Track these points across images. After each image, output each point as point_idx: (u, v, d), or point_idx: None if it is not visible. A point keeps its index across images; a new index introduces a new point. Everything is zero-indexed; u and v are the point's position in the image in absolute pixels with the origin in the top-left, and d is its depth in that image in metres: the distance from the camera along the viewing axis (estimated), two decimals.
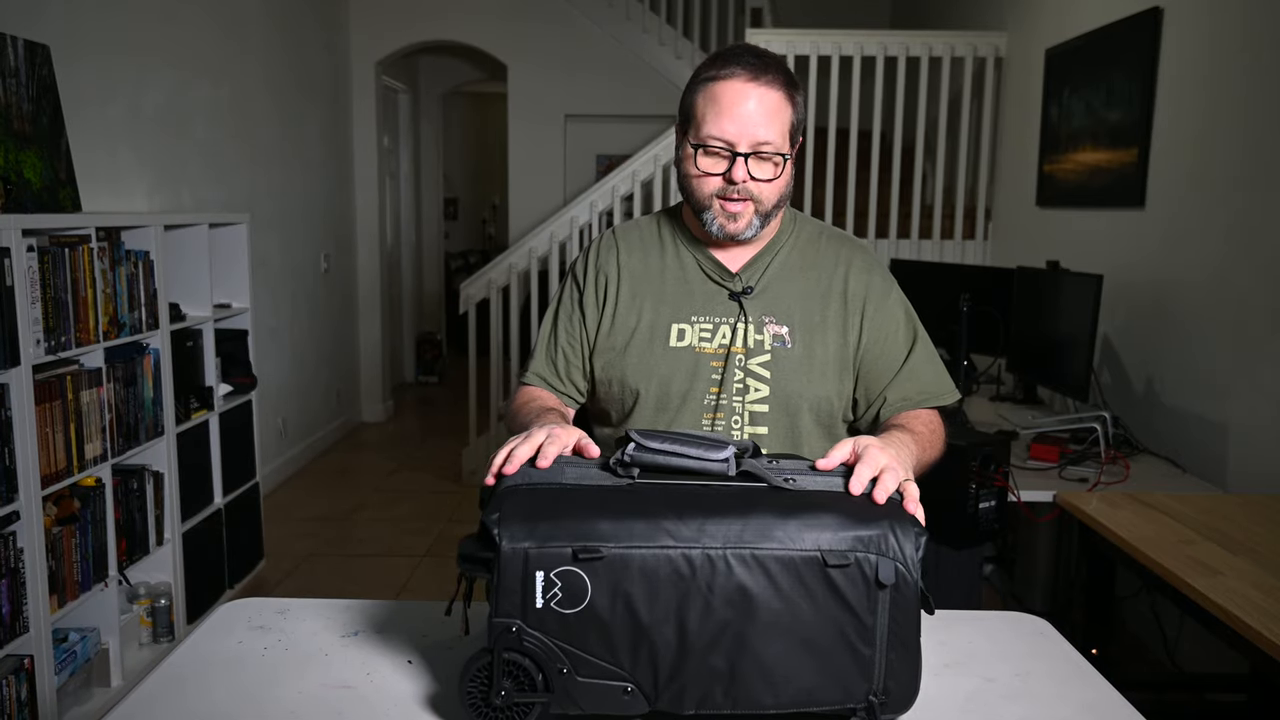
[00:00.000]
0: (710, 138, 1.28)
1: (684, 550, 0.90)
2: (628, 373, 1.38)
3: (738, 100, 1.27)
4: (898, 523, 0.92)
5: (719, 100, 1.27)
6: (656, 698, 0.92)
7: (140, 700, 1.03)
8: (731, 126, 1.26)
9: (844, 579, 0.90)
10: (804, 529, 0.91)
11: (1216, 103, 2.66)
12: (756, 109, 1.27)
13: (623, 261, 1.42)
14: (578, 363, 1.44)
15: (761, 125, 1.27)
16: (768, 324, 1.36)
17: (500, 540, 0.89)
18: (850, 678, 0.92)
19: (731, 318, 1.36)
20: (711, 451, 0.95)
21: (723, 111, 1.27)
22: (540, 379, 1.45)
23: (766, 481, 0.95)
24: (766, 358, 1.35)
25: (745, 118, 1.26)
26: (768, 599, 0.90)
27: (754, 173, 1.28)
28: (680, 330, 1.37)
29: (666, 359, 1.36)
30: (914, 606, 0.92)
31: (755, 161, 1.28)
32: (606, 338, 1.40)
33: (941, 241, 4.39)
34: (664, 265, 1.41)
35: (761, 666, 0.91)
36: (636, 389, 1.37)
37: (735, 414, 1.35)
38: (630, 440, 0.96)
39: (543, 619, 0.90)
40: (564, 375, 1.45)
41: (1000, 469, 2.21)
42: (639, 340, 1.38)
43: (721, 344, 1.36)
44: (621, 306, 1.40)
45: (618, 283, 1.41)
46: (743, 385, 1.35)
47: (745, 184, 1.28)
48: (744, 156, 1.27)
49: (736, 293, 1.37)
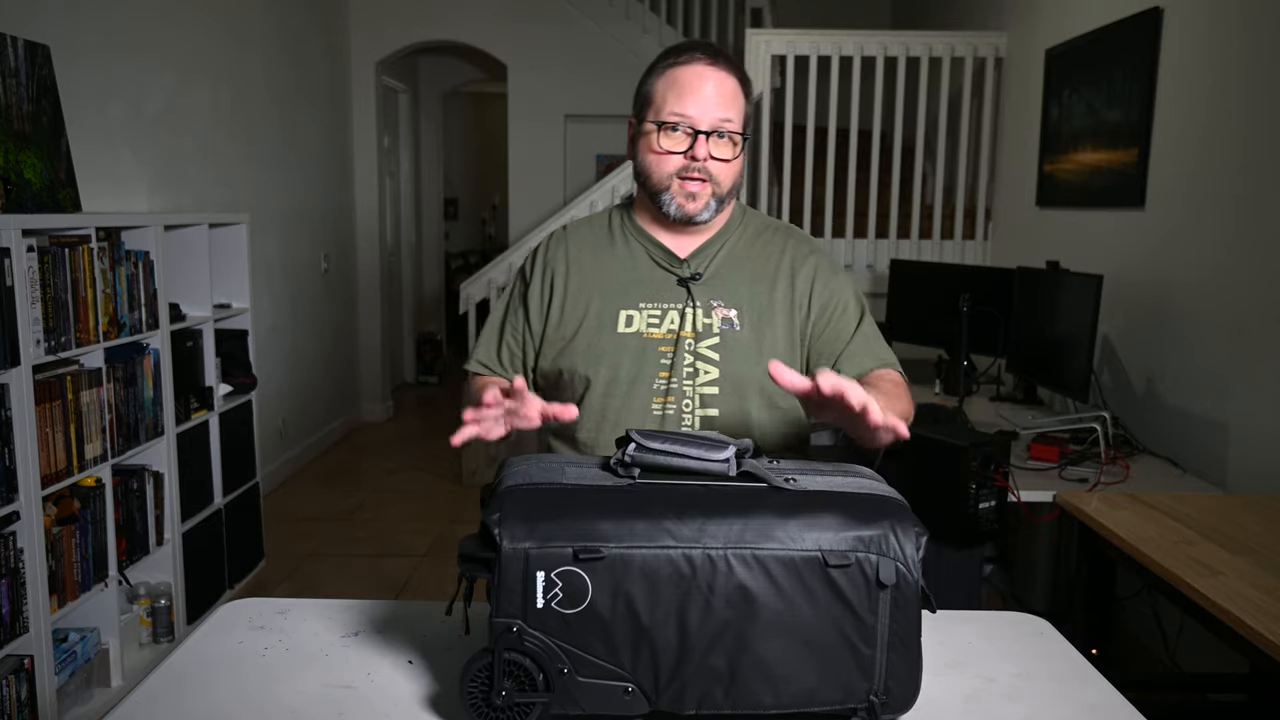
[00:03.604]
0: (674, 114, 1.32)
1: (685, 550, 0.90)
2: (577, 361, 1.40)
3: (699, 81, 1.32)
4: (898, 523, 0.92)
5: (680, 82, 1.32)
6: (657, 698, 0.92)
7: (140, 700, 1.03)
8: (694, 105, 1.31)
9: (845, 579, 0.90)
10: (805, 529, 0.91)
11: (1216, 103, 2.66)
12: (717, 90, 1.32)
13: (572, 255, 1.45)
14: (520, 356, 1.48)
15: (722, 105, 1.32)
16: (716, 308, 1.39)
17: (501, 540, 0.89)
18: (851, 678, 0.92)
19: (680, 303, 1.39)
20: (712, 452, 0.96)
21: (685, 92, 1.31)
22: (484, 366, 1.49)
23: (767, 481, 0.95)
24: (715, 340, 1.37)
25: (707, 97, 1.31)
26: (768, 599, 0.90)
27: (714, 152, 1.32)
28: (628, 316, 1.39)
29: (614, 345, 1.38)
30: (915, 606, 0.92)
31: (716, 140, 1.32)
32: (556, 329, 1.43)
33: (941, 241, 4.39)
34: (614, 256, 1.44)
35: (762, 666, 0.91)
36: (586, 375, 1.39)
37: (686, 397, 1.37)
38: (630, 440, 0.96)
39: (543, 619, 0.90)
40: (508, 365, 1.48)
41: (1000, 469, 2.21)
42: (587, 328, 1.40)
43: (670, 329, 1.38)
44: (570, 298, 1.42)
45: (565, 276, 1.44)
46: (693, 369, 1.37)
47: (706, 163, 1.32)
48: (705, 135, 1.31)
49: (685, 278, 1.40)
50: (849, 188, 4.41)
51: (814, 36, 4.29)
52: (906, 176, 4.52)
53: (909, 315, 3.79)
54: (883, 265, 4.30)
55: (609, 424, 1.38)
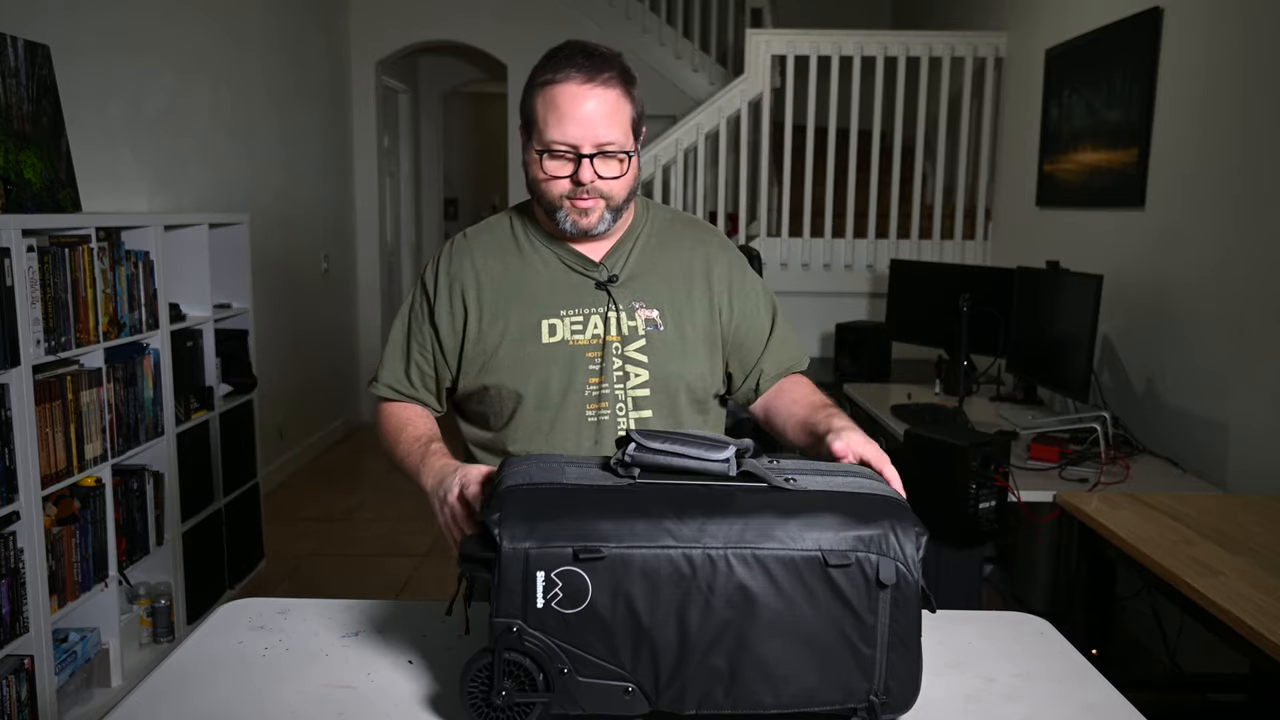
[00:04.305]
0: (554, 143, 1.28)
1: (685, 550, 0.90)
2: (504, 377, 1.36)
3: (576, 103, 1.26)
4: (898, 522, 0.92)
5: (558, 105, 1.27)
6: (657, 698, 0.92)
7: (140, 700, 1.03)
8: (574, 129, 1.26)
9: (845, 579, 0.90)
10: (805, 529, 0.91)
11: (1216, 103, 2.66)
12: (596, 110, 1.27)
13: (479, 266, 1.39)
14: (432, 375, 1.43)
15: (602, 126, 1.27)
16: (639, 309, 1.37)
17: (501, 540, 0.89)
18: (851, 677, 0.92)
19: (601, 307, 1.36)
20: (712, 451, 0.96)
21: (564, 116, 1.26)
22: (393, 390, 1.44)
23: (767, 481, 0.95)
24: (642, 343, 1.36)
25: (585, 120, 1.26)
26: (769, 599, 0.90)
27: (600, 171, 1.29)
28: (550, 325, 1.36)
29: (541, 356, 1.35)
30: (915, 606, 0.92)
31: (601, 160, 1.28)
32: (475, 344, 1.38)
33: (941, 241, 4.39)
34: (523, 264, 1.40)
35: (762, 666, 0.91)
36: (517, 391, 1.35)
37: (619, 401, 1.35)
38: (631, 440, 0.96)
39: (543, 619, 0.90)
40: (417, 383, 1.44)
41: (1000, 469, 2.21)
42: (510, 343, 1.36)
43: (595, 334, 1.36)
44: (486, 313, 1.38)
45: (477, 289, 1.38)
46: (622, 372, 1.36)
47: (593, 183, 1.29)
48: (589, 157, 1.27)
49: (603, 281, 1.37)
50: (849, 188, 4.41)
51: (814, 36, 4.29)
52: (906, 176, 4.53)
53: (909, 315, 3.79)
54: (883, 265, 4.30)
55: (542, 435, 1.35)
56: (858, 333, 3.89)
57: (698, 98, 5.48)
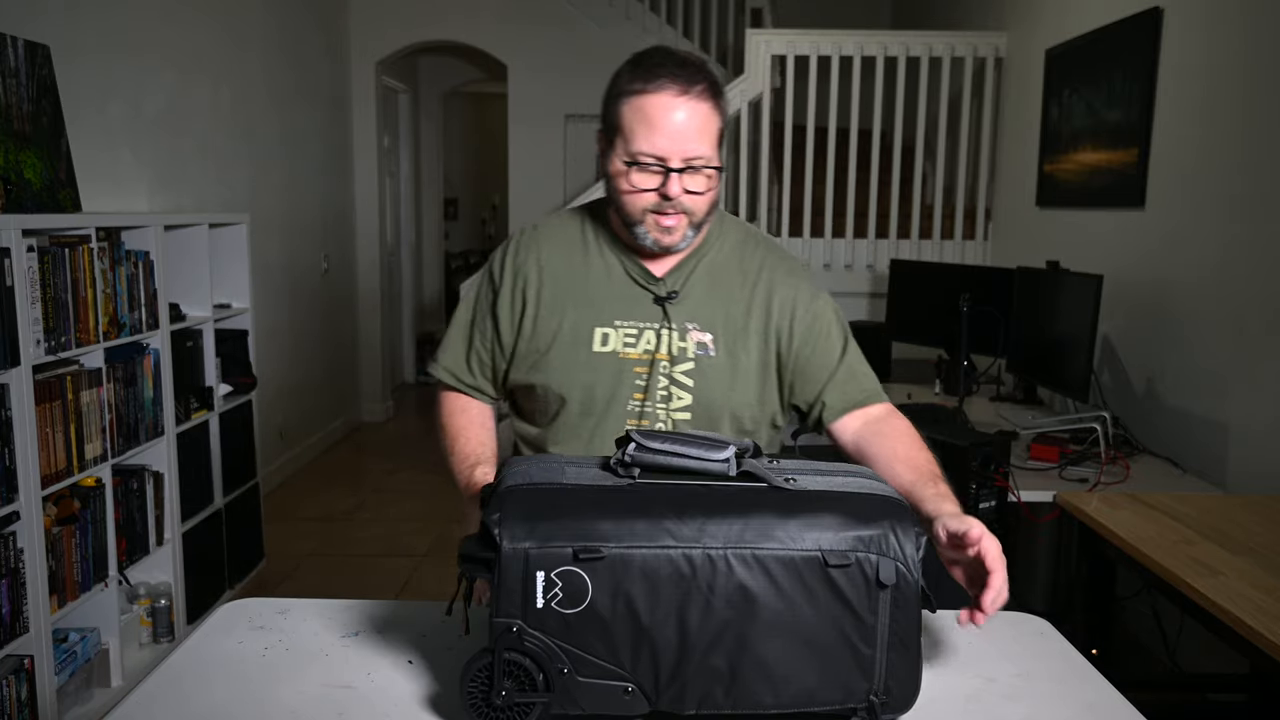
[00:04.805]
0: (642, 154, 1.25)
1: (685, 550, 0.90)
2: (551, 379, 1.36)
3: (668, 115, 1.23)
4: (898, 522, 0.92)
5: (649, 115, 1.24)
6: (657, 698, 0.92)
7: (140, 700, 1.03)
8: (664, 142, 1.24)
9: (845, 579, 0.91)
10: (805, 529, 0.91)
11: (1216, 103, 2.66)
12: (688, 123, 1.24)
13: (544, 262, 1.39)
14: (489, 363, 1.44)
15: (693, 139, 1.24)
16: (691, 330, 1.34)
17: (501, 540, 0.89)
18: (851, 677, 0.92)
19: (655, 323, 1.34)
20: (712, 451, 0.95)
21: (654, 127, 1.24)
22: (454, 376, 1.45)
23: (767, 481, 0.95)
24: (690, 365, 1.33)
25: (677, 133, 1.24)
26: (768, 599, 0.90)
27: (688, 186, 1.26)
28: (604, 334, 1.35)
29: (590, 364, 1.34)
30: (915, 606, 0.92)
31: (688, 175, 1.26)
32: (528, 341, 1.38)
33: (941, 241, 4.39)
34: (587, 266, 1.38)
35: (762, 666, 0.91)
36: (562, 395, 1.35)
37: (659, 421, 1.34)
38: (631, 440, 0.96)
39: (543, 619, 0.90)
40: (476, 372, 1.45)
41: (1000, 469, 2.22)
42: (562, 345, 1.35)
43: (646, 349, 1.34)
44: (543, 309, 1.37)
45: (538, 285, 1.38)
46: (666, 393, 1.34)
47: (679, 198, 1.26)
48: (677, 171, 1.25)
49: (661, 298, 1.35)
50: (849, 188, 4.41)
51: (814, 36, 4.29)
52: (906, 176, 4.52)
53: (909, 315, 3.79)
54: (883, 265, 4.30)
55: (582, 442, 1.35)
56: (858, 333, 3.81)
57: None
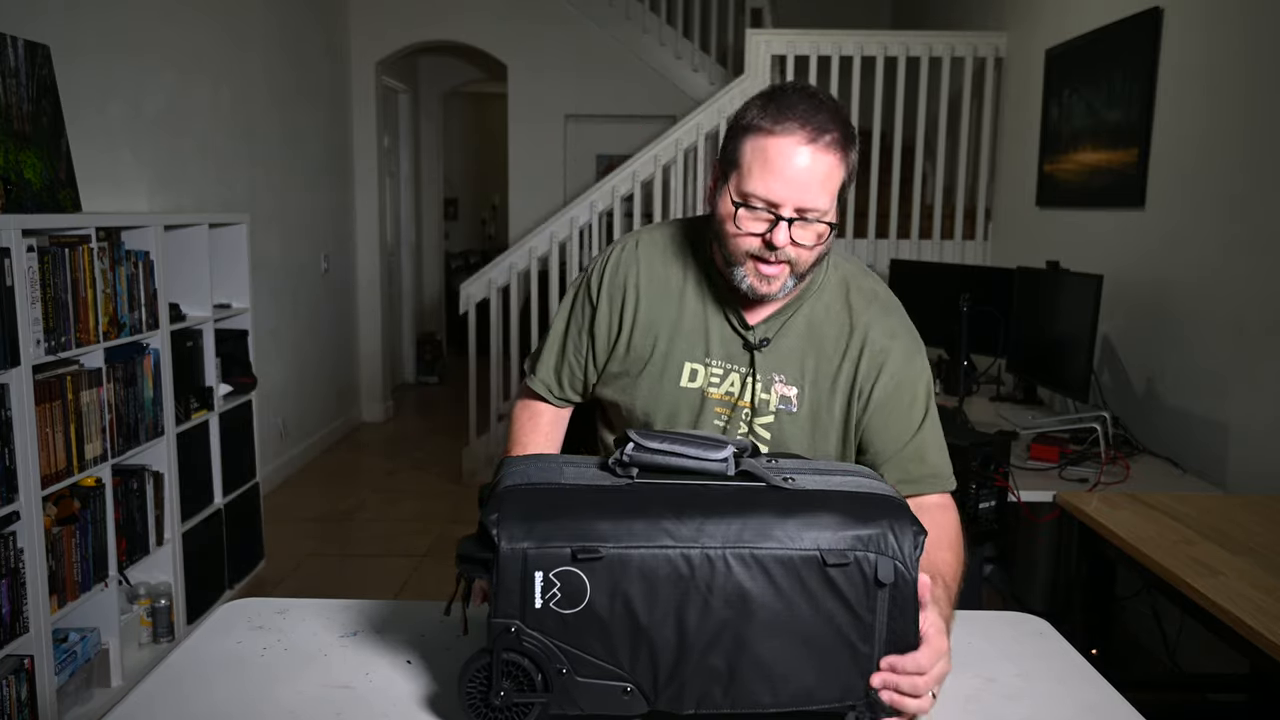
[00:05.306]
0: (754, 196, 1.18)
1: (683, 550, 0.90)
2: (637, 403, 1.37)
3: (790, 161, 1.16)
4: (896, 521, 0.92)
5: (769, 157, 1.17)
6: (656, 697, 0.92)
7: (140, 700, 1.03)
8: (779, 188, 1.17)
9: (843, 578, 0.90)
10: (803, 528, 0.91)
11: (1216, 103, 2.65)
12: (809, 174, 1.17)
13: (642, 285, 1.36)
14: (580, 376, 1.44)
15: (812, 191, 1.17)
16: (776, 383, 1.31)
17: (499, 540, 0.89)
18: (849, 676, 0.92)
19: (743, 367, 1.32)
20: (710, 451, 0.95)
21: (772, 171, 1.17)
22: (545, 386, 1.47)
23: (765, 480, 0.95)
24: (770, 419, 1.32)
25: (796, 182, 1.17)
26: (767, 599, 0.90)
27: (796, 238, 1.19)
28: (693, 370, 1.34)
29: (675, 397, 1.34)
30: (912, 604, 0.92)
31: (799, 226, 1.19)
32: (620, 363, 1.38)
33: (941, 241, 4.39)
34: (684, 295, 1.35)
35: (760, 666, 0.91)
36: (646, 418, 1.36)
37: None
38: (629, 440, 0.96)
39: (542, 619, 0.90)
40: (567, 385, 1.46)
41: (1000, 469, 2.21)
42: (651, 372, 1.35)
43: (729, 391, 1.33)
44: (638, 332, 1.36)
45: (635, 305, 1.36)
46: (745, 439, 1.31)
47: (785, 249, 1.20)
48: (788, 221, 1.18)
49: (753, 344, 1.32)
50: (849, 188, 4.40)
51: (814, 36, 4.29)
52: (906, 176, 4.52)
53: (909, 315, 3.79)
54: (883, 265, 4.30)
55: None
56: None
57: (698, 98, 5.48)
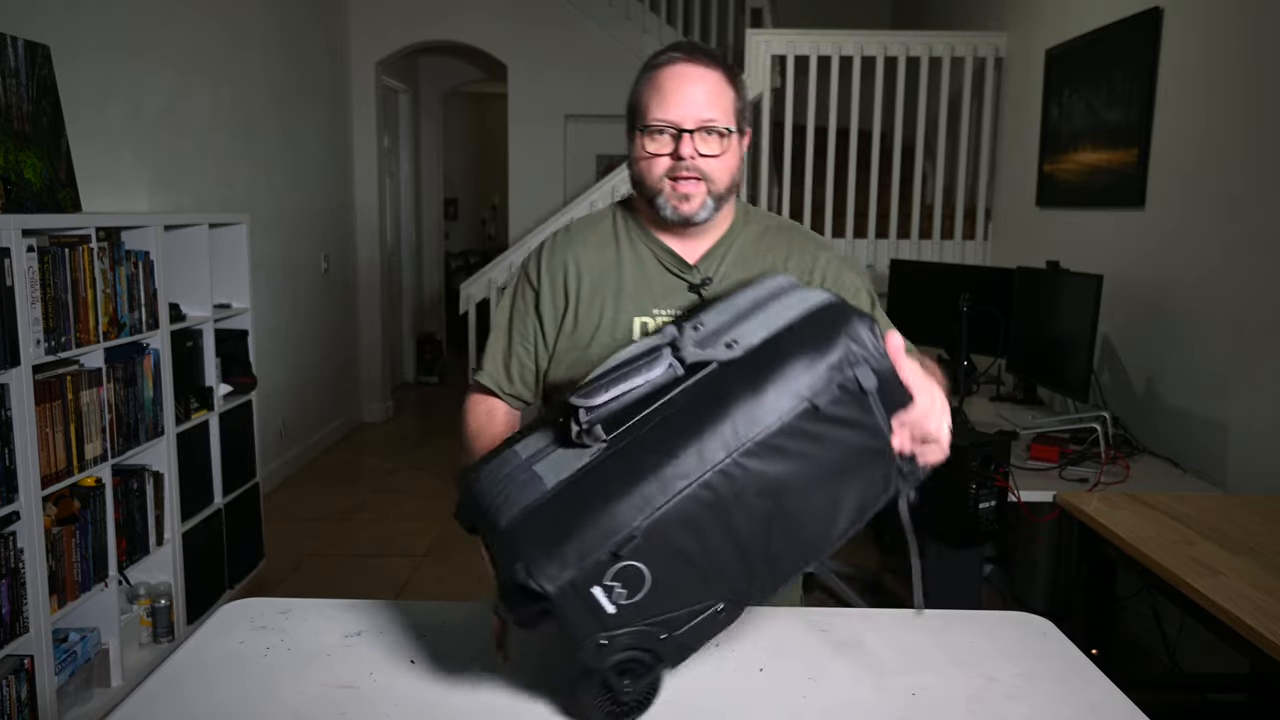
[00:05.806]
0: (655, 120, 1.29)
1: (698, 481, 0.90)
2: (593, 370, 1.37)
3: (678, 82, 1.29)
4: (847, 325, 0.95)
5: (661, 85, 1.29)
6: (748, 599, 0.96)
7: (141, 700, 1.03)
8: (674, 106, 1.28)
9: (838, 408, 0.93)
10: (780, 392, 0.92)
11: (1216, 103, 2.66)
12: (698, 88, 1.29)
13: (580, 257, 1.41)
14: (531, 367, 1.44)
15: (704, 104, 1.28)
16: None
17: (543, 586, 0.87)
18: (882, 470, 0.97)
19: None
20: (652, 368, 0.97)
21: (665, 95, 1.29)
22: (493, 381, 1.46)
23: (714, 360, 0.96)
24: None
25: (687, 97, 1.28)
26: (790, 468, 0.92)
27: (701, 149, 1.28)
28: (644, 325, 1.37)
29: None
30: (898, 386, 0.96)
31: (701, 137, 1.28)
32: (569, 336, 1.40)
33: (941, 241, 4.39)
34: (620, 258, 1.40)
35: (814, 520, 0.96)
36: None
37: None
38: (577, 408, 0.95)
39: (620, 617, 0.90)
40: (517, 379, 1.46)
41: (1000, 469, 2.22)
42: (602, 337, 1.37)
43: None
44: (583, 303, 1.39)
45: (577, 280, 1.40)
46: None
47: (694, 160, 1.28)
48: (689, 133, 1.28)
49: (695, 284, 1.37)
50: (849, 188, 4.41)
51: (814, 36, 4.29)
52: (906, 176, 4.52)
53: (909, 315, 3.78)
54: (883, 265, 4.30)
55: None
56: None
57: None
